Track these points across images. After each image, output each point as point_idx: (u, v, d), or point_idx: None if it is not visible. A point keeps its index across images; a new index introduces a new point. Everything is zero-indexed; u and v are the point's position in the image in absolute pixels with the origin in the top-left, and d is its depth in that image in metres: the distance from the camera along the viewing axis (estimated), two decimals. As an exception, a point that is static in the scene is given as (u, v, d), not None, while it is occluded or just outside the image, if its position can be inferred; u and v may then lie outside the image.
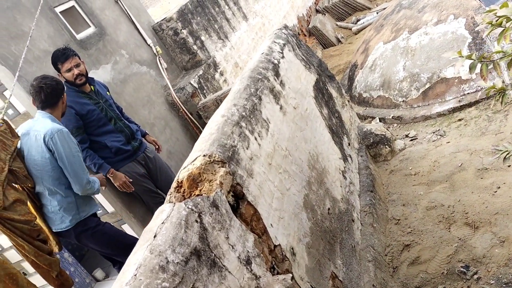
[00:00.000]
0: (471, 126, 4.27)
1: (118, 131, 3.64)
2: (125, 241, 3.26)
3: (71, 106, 3.39)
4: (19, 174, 2.67)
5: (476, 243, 2.94)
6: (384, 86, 5.43)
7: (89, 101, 3.54)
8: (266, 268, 1.93)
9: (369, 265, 2.92)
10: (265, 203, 2.20)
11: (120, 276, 1.47)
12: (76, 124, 3.43)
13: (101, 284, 4.72)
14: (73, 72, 3.41)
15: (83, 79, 3.50)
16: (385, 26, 6.01)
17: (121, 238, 3.27)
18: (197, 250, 1.59)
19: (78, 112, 3.44)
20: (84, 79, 3.50)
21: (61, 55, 3.39)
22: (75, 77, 3.43)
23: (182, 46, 5.50)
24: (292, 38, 3.82)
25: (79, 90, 3.52)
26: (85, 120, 3.49)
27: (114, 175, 3.53)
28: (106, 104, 3.66)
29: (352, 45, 8.98)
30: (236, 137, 2.20)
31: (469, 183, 3.47)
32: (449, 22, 4.95)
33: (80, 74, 3.46)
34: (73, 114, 3.41)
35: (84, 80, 3.51)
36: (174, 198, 1.92)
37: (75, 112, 3.42)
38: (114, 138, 3.61)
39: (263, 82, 2.79)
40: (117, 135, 3.63)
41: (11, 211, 2.51)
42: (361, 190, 3.64)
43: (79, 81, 3.47)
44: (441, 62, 4.84)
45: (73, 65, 3.41)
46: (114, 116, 3.67)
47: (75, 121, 3.42)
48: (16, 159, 2.66)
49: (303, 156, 2.90)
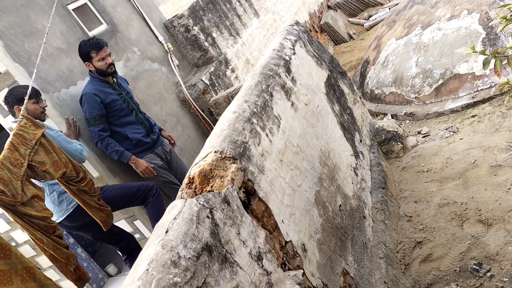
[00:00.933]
0: (485, 122, 4.22)
1: (139, 122, 3.77)
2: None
3: (97, 94, 3.52)
4: (38, 170, 2.69)
5: (489, 240, 2.91)
6: (396, 83, 5.39)
7: (113, 91, 3.65)
8: (277, 264, 1.93)
9: (380, 262, 2.91)
10: (276, 199, 2.20)
11: (132, 271, 1.49)
12: (100, 112, 3.54)
13: (113, 280, 4.77)
14: (106, 61, 3.58)
15: (113, 68, 3.66)
16: (398, 22, 5.96)
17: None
18: (209, 245, 1.60)
19: (103, 100, 3.54)
20: (114, 68, 3.66)
21: (96, 44, 3.54)
22: (108, 65, 3.59)
23: (194, 43, 5.51)
24: (303, 34, 3.80)
25: (103, 81, 3.63)
26: (109, 109, 3.60)
27: (135, 162, 3.63)
28: (128, 96, 3.79)
29: (364, 41, 8.92)
30: (247, 134, 2.20)
31: (482, 180, 3.43)
32: (462, 18, 4.89)
33: (112, 63, 3.63)
34: (98, 102, 3.52)
35: (114, 69, 3.67)
36: (186, 194, 1.93)
37: (100, 100, 3.52)
38: (135, 130, 3.71)
39: (274, 78, 2.78)
40: (137, 126, 3.74)
41: (28, 206, 2.54)
42: (373, 187, 3.62)
43: (110, 70, 3.63)
44: (454, 58, 4.79)
45: (106, 54, 3.58)
46: (135, 108, 3.81)
47: (99, 109, 3.53)
48: (38, 153, 2.67)
49: (315, 152, 2.89)
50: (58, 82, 3.61)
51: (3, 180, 2.42)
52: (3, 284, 2.32)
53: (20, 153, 2.55)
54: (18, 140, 2.57)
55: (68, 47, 3.86)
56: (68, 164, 2.87)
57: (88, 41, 3.57)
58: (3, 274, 2.32)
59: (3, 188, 2.39)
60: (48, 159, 2.73)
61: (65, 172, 2.87)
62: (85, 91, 3.56)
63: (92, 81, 3.61)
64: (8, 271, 2.36)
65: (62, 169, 2.84)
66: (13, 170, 2.51)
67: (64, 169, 2.85)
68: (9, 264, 2.37)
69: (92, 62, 3.57)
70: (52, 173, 2.79)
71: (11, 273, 2.37)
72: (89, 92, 3.53)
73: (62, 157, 2.84)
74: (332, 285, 2.31)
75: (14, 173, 2.49)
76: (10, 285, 2.34)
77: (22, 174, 2.55)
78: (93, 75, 3.61)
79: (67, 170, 2.87)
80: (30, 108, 3.15)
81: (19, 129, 2.61)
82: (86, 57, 3.56)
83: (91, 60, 3.56)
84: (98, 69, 3.58)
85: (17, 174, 2.52)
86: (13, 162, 2.52)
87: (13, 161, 2.52)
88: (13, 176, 2.48)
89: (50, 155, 2.74)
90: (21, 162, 2.55)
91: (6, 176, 2.45)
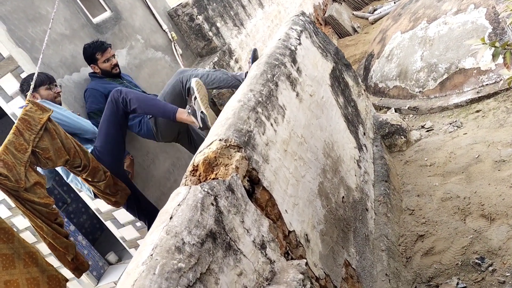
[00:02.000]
0: (489, 117, 4.20)
1: None
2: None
3: (97, 89, 3.57)
4: (41, 157, 2.68)
5: (491, 235, 2.90)
6: (401, 76, 5.36)
7: (115, 83, 3.69)
8: (280, 253, 1.92)
9: (382, 254, 2.90)
10: (280, 189, 2.19)
11: (136, 256, 1.48)
12: (98, 106, 3.54)
13: (113, 268, 4.78)
14: (111, 62, 3.64)
15: (118, 70, 3.72)
16: (403, 15, 5.92)
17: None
18: (213, 232, 1.59)
19: (104, 93, 3.55)
20: (118, 70, 3.73)
21: (101, 45, 3.59)
22: (112, 66, 3.65)
23: (198, 32, 5.48)
24: (309, 25, 3.78)
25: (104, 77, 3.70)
26: None
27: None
28: (131, 84, 3.82)
29: (368, 35, 8.88)
30: (252, 123, 2.19)
31: (486, 175, 3.42)
32: (469, 12, 4.85)
33: (116, 64, 3.69)
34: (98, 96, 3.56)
35: (119, 71, 3.73)
36: (190, 182, 1.92)
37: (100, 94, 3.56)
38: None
39: (280, 68, 2.76)
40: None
41: (31, 193, 2.53)
42: (376, 179, 3.61)
43: (115, 71, 3.69)
44: (460, 53, 4.76)
45: (111, 55, 3.63)
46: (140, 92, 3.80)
47: (98, 103, 3.55)
48: (42, 139, 2.66)
49: (319, 144, 2.88)
50: (61, 68, 3.59)
51: (7, 165, 2.41)
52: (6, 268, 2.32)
53: (24, 139, 2.54)
54: (23, 125, 2.56)
55: (72, 34, 3.84)
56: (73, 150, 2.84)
57: (92, 44, 3.62)
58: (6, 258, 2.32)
59: (7, 173, 2.38)
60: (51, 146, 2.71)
61: (68, 160, 2.85)
62: (87, 87, 3.64)
63: (95, 81, 3.68)
64: (11, 256, 2.36)
65: (64, 156, 2.82)
66: (17, 155, 2.50)
67: (67, 157, 2.83)
68: (12, 248, 2.37)
69: (97, 64, 3.62)
70: (54, 161, 2.77)
71: (14, 258, 2.37)
72: (90, 87, 3.61)
73: (67, 142, 2.81)
74: (334, 275, 2.31)
75: (18, 158, 2.48)
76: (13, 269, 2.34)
77: (26, 160, 2.54)
78: (96, 77, 3.68)
79: (70, 157, 2.85)
80: (43, 94, 3.18)
81: (24, 114, 2.59)
82: (91, 59, 3.62)
83: (97, 62, 3.61)
84: (103, 70, 3.65)
85: (21, 159, 2.50)
86: (18, 147, 2.51)
87: (18, 146, 2.51)
88: (17, 162, 2.47)
89: (54, 141, 2.72)
90: (25, 147, 2.53)
91: (10, 161, 2.44)
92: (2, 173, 2.38)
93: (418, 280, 2.87)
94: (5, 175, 2.38)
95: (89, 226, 5.93)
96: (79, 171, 2.96)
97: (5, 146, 2.45)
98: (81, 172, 2.97)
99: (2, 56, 3.42)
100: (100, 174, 3.05)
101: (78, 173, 2.97)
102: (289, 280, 1.74)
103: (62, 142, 2.77)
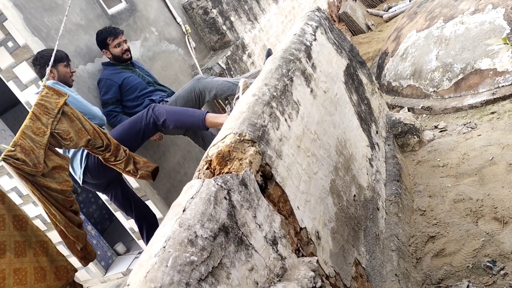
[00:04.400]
0: (504, 119, 4.15)
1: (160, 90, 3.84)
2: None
3: (110, 78, 3.64)
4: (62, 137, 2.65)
5: (504, 238, 2.86)
6: (415, 75, 5.31)
7: (127, 71, 3.74)
8: (291, 249, 1.91)
9: (392, 254, 2.88)
10: (293, 185, 2.17)
11: (149, 247, 1.48)
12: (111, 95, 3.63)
13: (122, 258, 4.81)
14: (122, 47, 3.69)
15: (129, 55, 3.77)
16: (419, 13, 5.85)
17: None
18: (225, 226, 1.58)
19: (117, 82, 3.63)
20: (130, 55, 3.78)
21: (113, 30, 3.68)
22: (123, 51, 3.71)
23: (211, 26, 5.47)
24: (324, 21, 3.74)
25: (118, 64, 3.75)
26: (125, 88, 3.68)
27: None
28: (143, 71, 3.87)
29: (382, 33, 8.80)
30: (266, 117, 2.17)
31: (499, 178, 3.38)
32: (487, 12, 4.78)
33: (127, 49, 3.74)
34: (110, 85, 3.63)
35: (130, 56, 3.78)
36: (203, 175, 1.91)
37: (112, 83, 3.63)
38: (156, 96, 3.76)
39: (295, 63, 2.74)
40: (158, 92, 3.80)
41: (49, 178, 2.53)
42: (387, 179, 3.58)
43: (126, 56, 3.74)
44: (476, 53, 4.70)
45: (122, 40, 3.70)
46: (152, 81, 3.87)
47: (111, 93, 3.63)
48: (61, 121, 2.65)
49: (331, 141, 2.86)
50: (76, 58, 3.60)
51: (25, 149, 2.40)
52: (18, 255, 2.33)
53: (42, 122, 2.54)
54: (40, 110, 2.56)
55: (87, 24, 3.84)
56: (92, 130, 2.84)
57: (104, 29, 3.71)
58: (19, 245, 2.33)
59: (24, 158, 2.38)
60: (71, 128, 2.70)
61: (90, 140, 2.84)
62: (100, 77, 3.70)
63: (106, 69, 3.74)
64: (23, 243, 2.37)
65: (86, 136, 2.80)
66: (36, 139, 2.49)
67: (88, 137, 2.82)
68: (24, 236, 2.37)
69: (109, 49, 3.69)
70: (76, 141, 2.75)
71: (26, 245, 2.38)
72: (103, 77, 3.67)
73: (86, 124, 2.81)
74: (344, 274, 2.29)
75: (36, 142, 2.48)
76: (24, 257, 2.35)
77: (45, 142, 2.53)
78: (109, 64, 3.74)
79: (91, 138, 2.84)
80: (61, 71, 3.21)
81: (40, 99, 2.59)
82: (103, 44, 3.68)
83: (108, 47, 3.68)
84: (114, 55, 3.70)
85: (40, 142, 2.50)
86: (35, 131, 2.50)
87: (35, 130, 2.50)
88: (36, 145, 2.47)
89: (73, 123, 2.71)
90: (43, 131, 2.53)
91: (28, 145, 2.43)
92: (20, 158, 2.37)
93: (428, 281, 2.84)
94: (23, 160, 2.38)
95: (98, 216, 5.96)
96: (101, 150, 2.94)
97: (22, 131, 2.45)
98: (103, 151, 2.96)
99: (18, 44, 3.44)
100: (121, 152, 3.05)
101: (100, 153, 2.96)
102: (300, 277, 1.73)
103: (82, 123, 2.77)
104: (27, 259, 2.40)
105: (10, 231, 2.31)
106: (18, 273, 2.36)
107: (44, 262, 2.51)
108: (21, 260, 2.37)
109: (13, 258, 2.30)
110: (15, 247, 2.31)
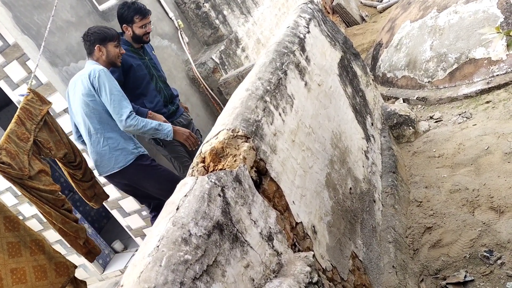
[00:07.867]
0: (499, 108, 4.14)
1: (157, 91, 3.69)
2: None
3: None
4: (43, 146, 2.68)
5: (501, 228, 2.87)
6: (410, 66, 5.29)
7: (136, 56, 3.59)
8: (287, 245, 1.90)
9: (389, 246, 2.88)
10: (288, 180, 2.16)
11: (142, 247, 1.46)
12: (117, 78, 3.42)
13: (119, 256, 4.80)
14: (147, 29, 3.53)
15: (149, 38, 3.62)
16: (413, 4, 5.82)
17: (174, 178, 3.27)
18: (220, 224, 1.57)
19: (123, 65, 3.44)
20: (149, 38, 3.63)
21: (143, 9, 3.50)
22: (146, 33, 3.55)
23: (204, 20, 5.43)
24: (317, 13, 3.72)
25: (129, 44, 3.58)
26: (128, 74, 3.52)
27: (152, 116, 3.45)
28: (151, 62, 3.71)
29: (376, 24, 8.77)
30: (260, 112, 2.15)
31: (495, 167, 3.38)
32: (480, 1, 4.76)
33: (149, 32, 3.59)
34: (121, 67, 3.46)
35: (149, 39, 3.63)
36: (197, 172, 1.90)
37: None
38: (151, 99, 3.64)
39: (289, 56, 2.72)
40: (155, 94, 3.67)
41: (36, 180, 2.53)
42: (383, 171, 3.57)
43: (146, 39, 3.59)
44: (470, 42, 4.68)
45: (148, 22, 3.54)
46: (156, 75, 3.73)
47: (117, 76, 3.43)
48: (42, 130, 2.67)
49: (326, 134, 2.84)
50: (67, 56, 3.56)
51: (10, 153, 2.40)
52: (12, 256, 2.31)
53: (26, 128, 2.54)
54: (25, 114, 2.55)
55: (78, 21, 3.80)
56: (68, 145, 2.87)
57: (133, 4, 3.50)
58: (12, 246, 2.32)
59: (10, 161, 2.37)
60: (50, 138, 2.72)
61: (66, 153, 2.87)
62: None
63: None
64: (17, 244, 2.36)
65: (63, 149, 2.85)
66: (20, 144, 2.49)
67: (66, 150, 2.86)
68: (18, 236, 2.36)
69: (132, 27, 3.50)
70: (55, 152, 2.78)
71: (20, 246, 2.36)
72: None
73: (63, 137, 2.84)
74: (341, 267, 2.29)
75: (21, 147, 2.48)
76: (19, 257, 2.34)
77: (28, 148, 2.54)
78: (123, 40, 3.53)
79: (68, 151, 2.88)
80: (110, 50, 3.14)
81: (26, 103, 2.58)
82: (128, 20, 3.49)
83: (132, 24, 3.49)
84: (136, 35, 3.53)
85: (24, 148, 2.50)
86: (20, 136, 2.50)
87: (20, 135, 2.50)
88: (20, 150, 2.47)
89: (52, 134, 2.73)
90: (27, 136, 2.53)
91: (13, 149, 2.43)
92: (5, 162, 2.37)
93: (425, 272, 2.85)
94: (8, 163, 2.38)
95: (95, 214, 5.94)
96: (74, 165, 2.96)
97: (7, 135, 2.45)
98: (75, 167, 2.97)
99: (7, 43, 3.40)
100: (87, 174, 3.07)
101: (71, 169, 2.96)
102: (296, 272, 1.72)
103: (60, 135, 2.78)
104: (23, 258, 2.39)
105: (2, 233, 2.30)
106: (16, 273, 2.35)
107: (42, 260, 2.51)
108: (17, 260, 2.36)
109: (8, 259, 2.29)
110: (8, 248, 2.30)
